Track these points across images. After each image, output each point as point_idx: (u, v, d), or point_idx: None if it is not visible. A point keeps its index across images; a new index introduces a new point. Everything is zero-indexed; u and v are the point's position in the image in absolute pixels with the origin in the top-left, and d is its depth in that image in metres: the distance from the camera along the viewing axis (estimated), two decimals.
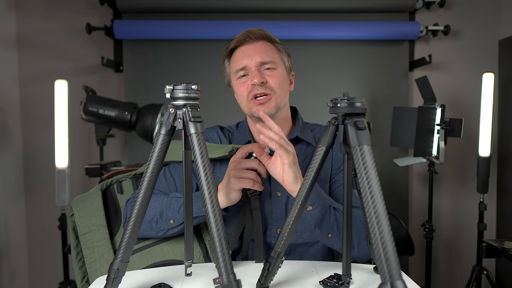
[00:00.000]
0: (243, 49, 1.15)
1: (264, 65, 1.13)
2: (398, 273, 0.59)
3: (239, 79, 1.15)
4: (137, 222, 0.79)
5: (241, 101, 1.17)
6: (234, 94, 1.23)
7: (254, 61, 1.12)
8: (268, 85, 1.12)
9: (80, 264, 1.10)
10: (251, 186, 0.99)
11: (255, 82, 1.10)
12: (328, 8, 2.44)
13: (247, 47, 1.15)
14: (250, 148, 1.02)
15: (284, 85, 1.16)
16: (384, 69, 2.50)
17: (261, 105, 1.12)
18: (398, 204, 2.53)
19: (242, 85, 1.14)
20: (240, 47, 1.16)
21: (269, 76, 1.13)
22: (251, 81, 1.12)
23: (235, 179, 0.98)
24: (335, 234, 1.04)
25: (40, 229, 2.48)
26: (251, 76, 1.12)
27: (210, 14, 2.43)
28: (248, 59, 1.13)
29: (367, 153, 0.68)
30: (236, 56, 1.16)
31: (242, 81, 1.15)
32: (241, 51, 1.15)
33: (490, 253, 1.47)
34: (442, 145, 2.03)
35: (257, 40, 1.16)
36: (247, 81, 1.13)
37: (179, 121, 0.77)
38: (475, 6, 2.54)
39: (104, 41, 2.45)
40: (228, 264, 0.67)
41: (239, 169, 0.99)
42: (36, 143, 2.46)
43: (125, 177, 1.23)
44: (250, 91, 1.12)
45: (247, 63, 1.13)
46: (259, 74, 1.11)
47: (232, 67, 1.18)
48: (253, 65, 1.12)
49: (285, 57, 1.19)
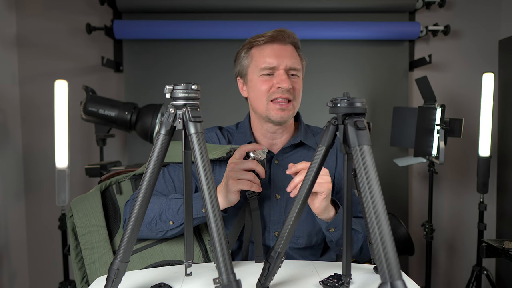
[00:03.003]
0: (275, 48, 1.12)
1: (292, 71, 1.12)
2: (398, 273, 0.59)
3: (262, 76, 1.13)
4: (137, 222, 0.79)
5: (256, 98, 1.14)
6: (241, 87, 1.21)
7: (284, 64, 1.10)
8: (292, 92, 1.12)
9: (79, 265, 1.10)
10: (249, 188, 0.98)
11: (284, 86, 1.09)
12: (328, 8, 2.44)
13: (279, 47, 1.12)
14: (247, 148, 1.02)
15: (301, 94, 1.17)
16: (384, 69, 2.50)
17: (281, 111, 1.11)
18: (398, 204, 2.53)
19: (265, 83, 1.12)
20: (270, 44, 1.12)
21: (295, 82, 1.13)
22: (278, 83, 1.10)
23: (233, 181, 0.98)
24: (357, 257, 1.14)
25: (40, 229, 2.48)
26: (279, 78, 1.10)
27: (210, 14, 2.43)
28: (279, 59, 1.10)
29: (367, 153, 0.68)
30: (265, 51, 1.12)
31: (265, 79, 1.12)
32: (272, 49, 1.12)
33: (490, 253, 1.47)
34: (442, 145, 2.03)
35: (288, 42, 1.14)
36: (272, 81, 1.11)
37: (179, 121, 0.77)
38: (475, 6, 2.54)
39: (104, 41, 2.45)
40: (228, 264, 0.67)
41: (237, 170, 0.99)
42: (36, 143, 2.46)
43: (124, 178, 1.22)
44: (273, 92, 1.11)
45: (278, 63, 1.10)
46: (288, 79, 1.10)
47: (256, 61, 1.14)
48: (282, 67, 1.11)
49: (304, 65, 1.19)
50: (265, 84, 1.12)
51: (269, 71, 1.12)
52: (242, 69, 1.19)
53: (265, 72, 1.12)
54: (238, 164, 1.00)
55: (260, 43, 1.13)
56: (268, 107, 1.12)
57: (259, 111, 1.15)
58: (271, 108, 1.12)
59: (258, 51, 1.14)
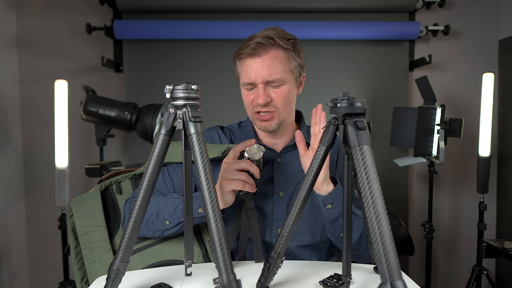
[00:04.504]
0: (251, 62, 1.12)
1: (270, 83, 1.12)
2: (398, 273, 0.59)
3: (245, 89, 1.16)
4: (137, 222, 0.79)
5: (246, 108, 1.19)
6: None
7: (261, 78, 1.11)
8: (272, 103, 1.12)
9: (79, 264, 1.10)
10: (242, 188, 0.97)
11: (259, 102, 1.11)
12: (328, 8, 2.44)
13: (256, 61, 1.11)
14: (239, 147, 1.02)
15: (290, 99, 1.15)
16: (384, 69, 2.50)
17: (264, 121, 1.14)
18: (398, 204, 2.53)
19: (248, 96, 1.15)
20: (249, 58, 1.13)
21: (275, 93, 1.12)
22: (255, 99, 1.12)
23: (226, 181, 0.98)
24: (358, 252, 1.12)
25: (40, 229, 2.48)
26: (257, 94, 1.12)
27: (210, 14, 2.43)
28: (255, 74, 1.11)
29: (367, 153, 0.68)
30: (243, 66, 1.14)
31: (248, 92, 1.15)
32: (249, 64, 1.12)
33: (490, 253, 1.47)
34: (442, 145, 2.03)
35: (269, 51, 1.11)
36: (253, 94, 1.13)
37: (179, 121, 0.77)
38: (475, 6, 2.54)
39: (104, 41, 2.45)
40: (228, 264, 0.67)
41: (229, 170, 0.98)
42: (36, 143, 2.46)
43: (124, 178, 1.22)
44: (254, 105, 1.13)
45: (254, 79, 1.11)
46: (264, 94, 1.11)
47: (240, 75, 1.16)
48: (259, 82, 1.11)
49: (295, 63, 1.15)
50: (248, 97, 1.15)
51: (250, 86, 1.14)
52: (236, 76, 1.22)
53: (246, 87, 1.15)
54: (231, 164, 0.99)
55: (242, 57, 1.14)
56: (254, 117, 1.16)
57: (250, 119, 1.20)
58: (255, 118, 1.16)
59: (241, 64, 1.15)
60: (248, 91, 1.15)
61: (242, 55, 1.13)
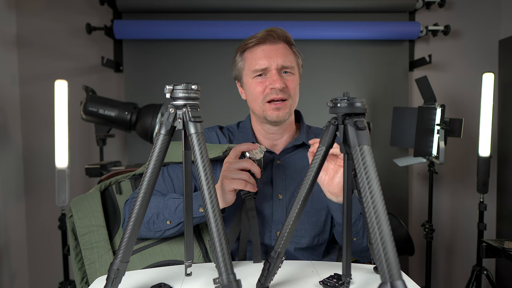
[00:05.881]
0: (265, 49, 1.11)
1: (284, 69, 1.12)
2: (398, 273, 0.59)
3: (255, 78, 1.13)
4: (137, 222, 0.79)
5: (253, 100, 1.15)
6: (240, 90, 1.22)
7: (275, 63, 1.10)
8: (286, 90, 1.11)
9: (79, 265, 1.09)
10: (243, 187, 0.97)
11: (276, 86, 1.09)
12: (328, 8, 2.44)
13: (269, 47, 1.11)
14: (241, 148, 1.01)
15: (297, 92, 1.16)
16: (384, 69, 2.50)
17: (276, 110, 1.11)
18: (398, 204, 2.53)
19: (259, 85, 1.12)
20: (260, 45, 1.12)
21: (288, 80, 1.12)
22: (271, 84, 1.10)
23: (227, 180, 0.98)
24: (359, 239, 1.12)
25: (40, 229, 2.48)
26: (271, 79, 1.10)
27: (210, 14, 2.43)
28: (269, 60, 1.10)
29: (367, 153, 0.68)
30: (256, 54, 1.12)
31: (258, 80, 1.12)
32: (262, 50, 1.11)
33: (490, 253, 1.47)
34: (442, 145, 2.03)
35: (279, 41, 1.12)
36: (265, 82, 1.11)
37: (179, 121, 0.77)
38: (475, 6, 2.54)
39: (104, 41, 2.45)
40: (228, 264, 0.67)
41: (231, 169, 0.98)
42: (36, 143, 2.46)
43: (124, 178, 1.22)
44: (267, 93, 1.11)
45: (269, 64, 1.10)
46: (280, 79, 1.10)
47: (249, 64, 1.14)
48: (274, 67, 1.10)
49: (299, 60, 1.17)
50: (259, 86, 1.12)
51: (261, 73, 1.12)
52: (238, 73, 1.19)
53: (257, 74, 1.13)
54: (232, 163, 0.99)
55: (250, 46, 1.13)
56: (264, 108, 1.13)
57: (256, 113, 1.17)
58: (266, 108, 1.12)
59: (249, 53, 1.14)
60: (259, 79, 1.12)
61: (250, 43, 1.12)
